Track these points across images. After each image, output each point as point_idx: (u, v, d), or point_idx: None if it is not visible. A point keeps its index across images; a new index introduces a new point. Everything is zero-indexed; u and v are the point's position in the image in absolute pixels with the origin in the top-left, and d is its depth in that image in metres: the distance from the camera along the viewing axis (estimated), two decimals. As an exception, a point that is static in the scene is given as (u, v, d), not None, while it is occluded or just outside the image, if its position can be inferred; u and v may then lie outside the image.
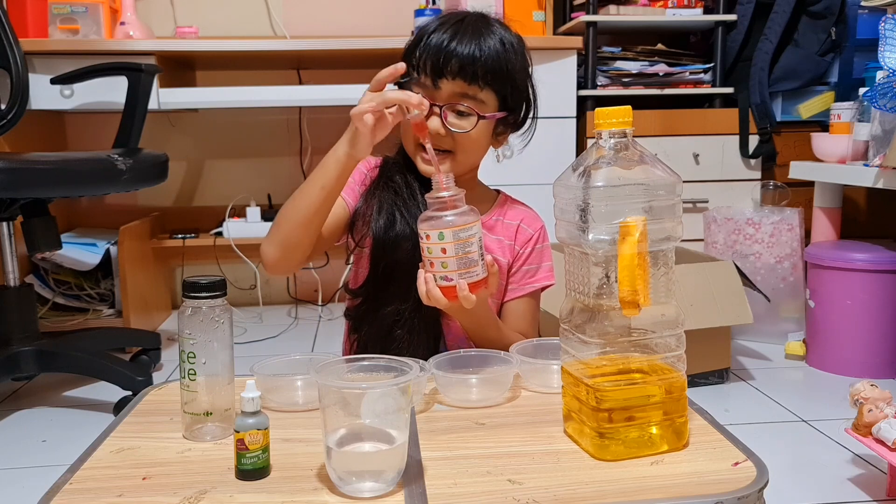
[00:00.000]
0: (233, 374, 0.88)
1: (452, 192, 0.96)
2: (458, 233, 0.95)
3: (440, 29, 1.10)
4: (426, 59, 1.09)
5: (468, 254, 0.96)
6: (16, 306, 1.86)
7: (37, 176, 1.69)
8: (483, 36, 1.10)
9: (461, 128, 1.11)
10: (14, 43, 1.76)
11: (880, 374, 1.98)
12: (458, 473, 0.76)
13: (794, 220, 2.29)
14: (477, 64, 1.09)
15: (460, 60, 1.08)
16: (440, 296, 0.99)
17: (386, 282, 1.17)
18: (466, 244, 0.96)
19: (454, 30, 1.10)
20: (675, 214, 0.80)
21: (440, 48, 1.08)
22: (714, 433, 0.85)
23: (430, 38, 1.10)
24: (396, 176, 1.19)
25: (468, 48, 1.08)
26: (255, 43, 2.44)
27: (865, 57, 2.32)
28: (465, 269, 0.97)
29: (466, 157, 1.15)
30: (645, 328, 0.79)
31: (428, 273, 0.99)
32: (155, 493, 0.73)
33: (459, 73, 1.09)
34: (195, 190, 2.87)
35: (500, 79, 1.12)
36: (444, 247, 0.96)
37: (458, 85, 1.09)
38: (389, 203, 1.16)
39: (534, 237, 1.24)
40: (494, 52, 1.10)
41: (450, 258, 0.96)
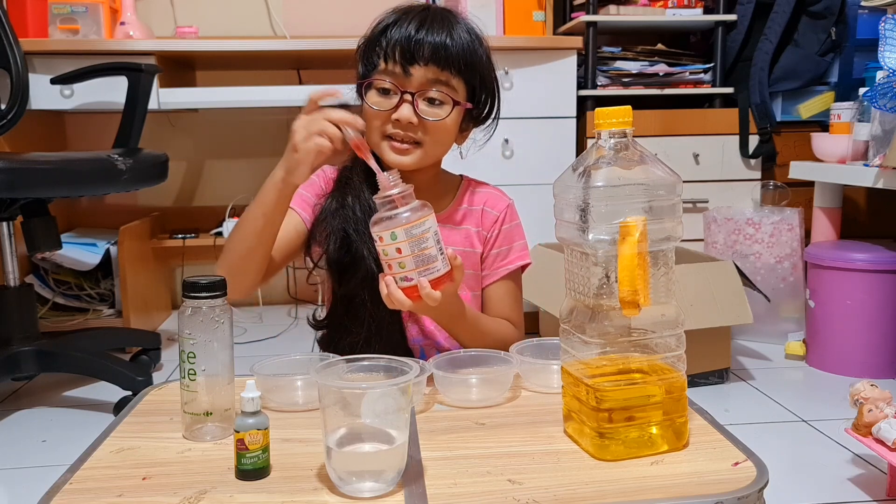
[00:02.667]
0: (233, 374, 0.88)
1: (400, 190, 0.93)
2: (411, 230, 0.92)
3: (405, 19, 1.08)
4: (394, 46, 1.06)
5: (424, 250, 0.93)
6: (16, 306, 1.86)
7: (37, 176, 1.69)
8: (452, 25, 1.09)
9: (435, 116, 1.08)
10: (14, 43, 1.76)
11: (880, 374, 1.98)
12: (458, 473, 0.76)
13: (794, 220, 2.29)
14: (449, 50, 1.07)
15: (432, 46, 1.06)
16: (403, 297, 0.95)
17: (345, 311, 1.15)
18: (421, 241, 0.92)
19: (421, 18, 1.08)
20: (675, 214, 0.79)
21: (410, 35, 1.06)
22: (714, 433, 0.85)
23: (395, 28, 1.07)
24: (349, 196, 1.14)
25: (440, 36, 1.06)
26: (255, 43, 2.44)
27: (865, 57, 2.32)
28: (424, 267, 0.93)
29: (435, 148, 1.12)
30: (645, 328, 0.79)
31: (387, 276, 0.96)
32: (155, 493, 0.73)
33: (432, 58, 1.06)
34: (195, 190, 2.87)
35: (470, 67, 1.10)
36: (398, 246, 0.92)
37: (431, 71, 1.07)
38: (340, 227, 1.13)
39: (499, 218, 1.21)
40: (465, 41, 1.09)
41: (406, 257, 0.93)
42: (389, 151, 1.10)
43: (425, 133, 1.10)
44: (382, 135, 1.10)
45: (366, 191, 1.13)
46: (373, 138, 1.11)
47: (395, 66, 1.07)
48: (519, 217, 1.24)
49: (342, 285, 1.14)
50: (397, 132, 1.09)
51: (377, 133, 1.10)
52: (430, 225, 0.93)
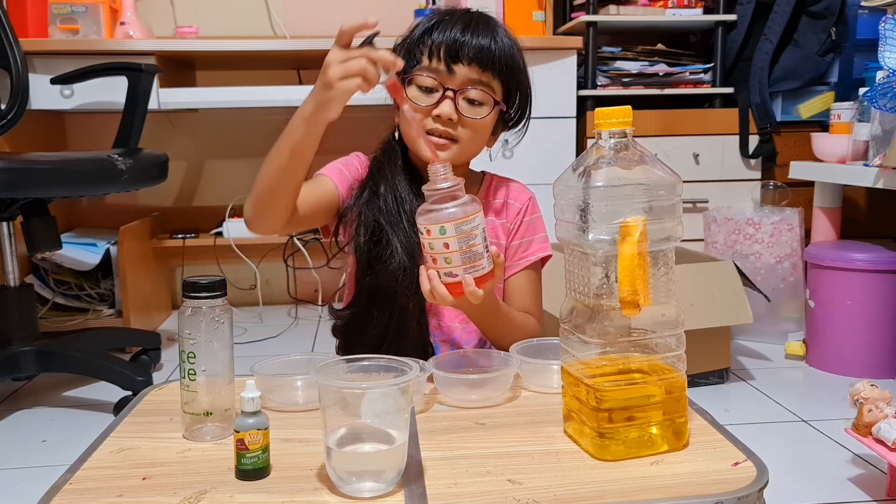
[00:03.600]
0: (233, 374, 0.88)
1: (452, 183, 0.92)
2: (461, 225, 0.90)
3: (450, 21, 1.11)
4: (440, 44, 1.09)
5: (472, 247, 0.91)
6: (16, 306, 1.86)
7: (37, 176, 1.69)
8: (495, 30, 1.12)
9: (475, 114, 1.11)
10: (14, 43, 1.76)
11: (880, 374, 1.98)
12: (458, 473, 0.76)
13: (794, 220, 2.29)
14: (493, 53, 1.10)
15: (477, 47, 1.09)
16: (446, 293, 0.94)
17: (370, 301, 1.15)
18: (470, 237, 0.91)
19: (466, 21, 1.11)
20: (675, 214, 0.79)
21: (456, 36, 1.09)
22: (714, 433, 0.85)
23: (440, 29, 1.10)
24: (381, 186, 1.15)
25: (484, 38, 1.10)
26: (255, 43, 2.44)
27: (865, 57, 2.32)
28: (470, 264, 0.92)
29: (470, 146, 1.15)
30: (645, 328, 0.79)
31: (431, 270, 0.95)
32: (155, 493, 0.73)
33: (475, 59, 1.09)
34: (195, 190, 2.87)
35: (510, 71, 1.14)
36: (446, 241, 0.91)
37: (474, 71, 1.10)
38: (373, 218, 1.13)
39: (522, 210, 1.23)
40: (507, 46, 1.13)
41: (453, 253, 0.91)
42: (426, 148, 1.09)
43: (463, 131, 1.12)
44: (421, 130, 1.09)
45: (400, 181, 1.15)
46: (410, 133, 1.13)
47: (440, 64, 1.10)
48: (540, 210, 1.26)
49: (371, 276, 1.13)
50: (436, 128, 1.11)
51: (415, 127, 1.09)
52: (479, 222, 0.92)
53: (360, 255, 1.14)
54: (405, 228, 1.12)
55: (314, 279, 2.82)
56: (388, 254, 1.11)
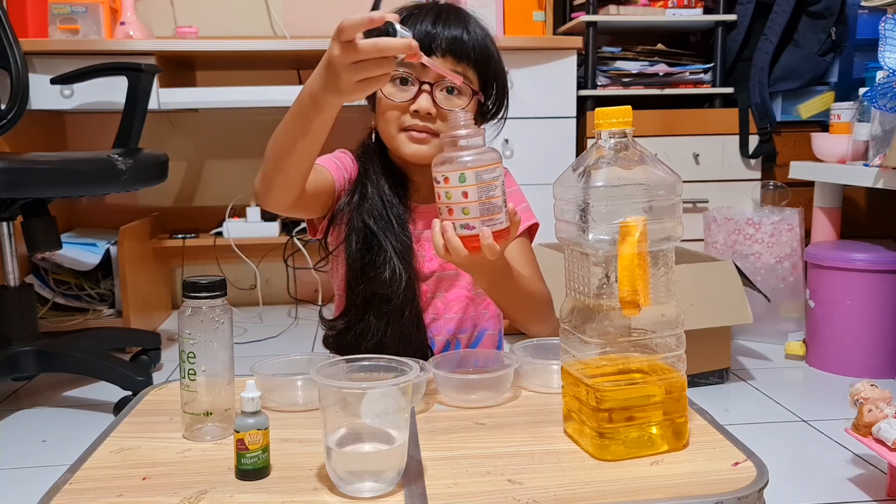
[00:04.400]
0: (233, 374, 0.87)
1: (473, 130, 0.88)
2: (482, 174, 0.85)
3: (419, 15, 1.09)
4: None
5: (492, 198, 0.87)
6: (16, 306, 1.86)
7: (37, 176, 1.69)
8: (466, 20, 1.11)
9: (454, 106, 1.08)
10: (14, 43, 1.76)
11: (880, 374, 1.98)
12: (458, 473, 0.76)
13: (794, 220, 2.29)
14: (466, 43, 1.08)
15: (449, 38, 1.07)
16: (461, 246, 0.89)
17: (365, 310, 1.14)
18: (490, 187, 0.86)
19: (436, 13, 1.09)
20: (675, 214, 0.79)
21: (427, 30, 1.07)
22: (714, 433, 0.85)
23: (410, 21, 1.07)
24: (369, 188, 1.13)
25: (456, 29, 1.08)
26: (255, 43, 2.44)
27: (865, 57, 2.32)
28: (488, 216, 0.87)
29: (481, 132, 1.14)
30: (645, 328, 0.79)
31: (445, 221, 0.90)
32: (155, 493, 0.73)
33: (449, 50, 1.07)
34: (195, 190, 2.87)
35: (485, 61, 1.11)
36: (465, 190, 0.86)
37: (448, 62, 1.08)
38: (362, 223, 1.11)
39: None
40: (479, 35, 1.11)
41: (472, 203, 0.86)
42: (407, 142, 1.10)
43: (442, 124, 1.09)
44: (399, 127, 1.10)
45: (383, 184, 1.13)
46: (389, 130, 1.11)
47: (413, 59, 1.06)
48: (517, 184, 1.24)
49: (364, 283, 1.12)
50: (415, 123, 1.09)
51: (393, 125, 1.10)
52: (499, 173, 0.88)
53: (352, 261, 1.13)
54: (396, 232, 1.11)
55: (314, 279, 2.82)
56: (382, 260, 1.10)
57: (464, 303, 1.21)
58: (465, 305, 1.21)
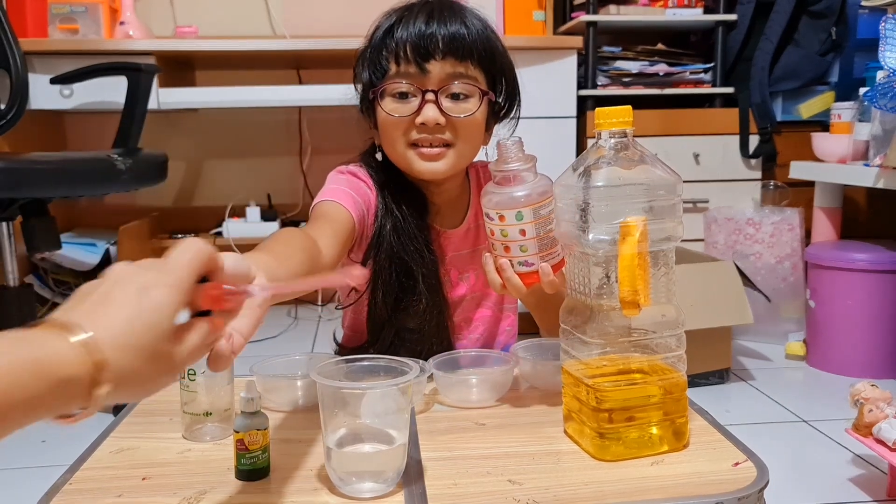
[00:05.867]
0: (232, 375, 0.87)
1: (524, 164, 0.84)
2: (539, 210, 0.83)
3: (410, 15, 0.99)
4: (404, 44, 0.97)
5: (549, 233, 0.84)
6: (15, 306, 1.86)
7: (37, 176, 1.69)
8: (462, 13, 1.00)
9: (464, 111, 0.99)
10: (14, 43, 1.76)
11: (880, 374, 1.98)
12: (458, 474, 0.76)
13: (794, 220, 2.29)
14: (465, 39, 0.98)
15: (447, 37, 0.97)
16: (520, 284, 0.87)
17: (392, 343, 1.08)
18: (547, 222, 0.84)
19: (428, 11, 0.99)
20: (676, 214, 0.79)
21: (420, 30, 0.97)
22: (714, 433, 0.85)
23: (401, 26, 0.98)
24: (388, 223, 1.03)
25: (452, 26, 0.98)
26: (255, 43, 2.44)
27: (865, 57, 2.32)
28: (546, 251, 0.85)
29: (467, 147, 1.03)
30: (645, 328, 0.79)
31: (503, 259, 0.87)
32: (154, 493, 0.73)
33: (448, 50, 0.97)
34: (195, 190, 2.87)
35: (490, 55, 1.02)
36: (523, 228, 0.83)
37: (449, 63, 0.98)
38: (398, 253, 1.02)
39: None
40: (479, 28, 1.01)
41: (530, 240, 0.84)
42: (418, 160, 1.01)
43: (455, 133, 1.01)
44: (407, 144, 1.01)
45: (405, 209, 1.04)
46: (397, 150, 1.02)
47: (409, 66, 0.98)
48: None
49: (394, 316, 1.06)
50: (424, 137, 1.00)
51: (400, 143, 1.01)
52: (553, 205, 0.83)
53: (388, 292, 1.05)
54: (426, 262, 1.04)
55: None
56: (418, 292, 1.04)
57: (488, 322, 1.17)
58: (488, 324, 1.17)
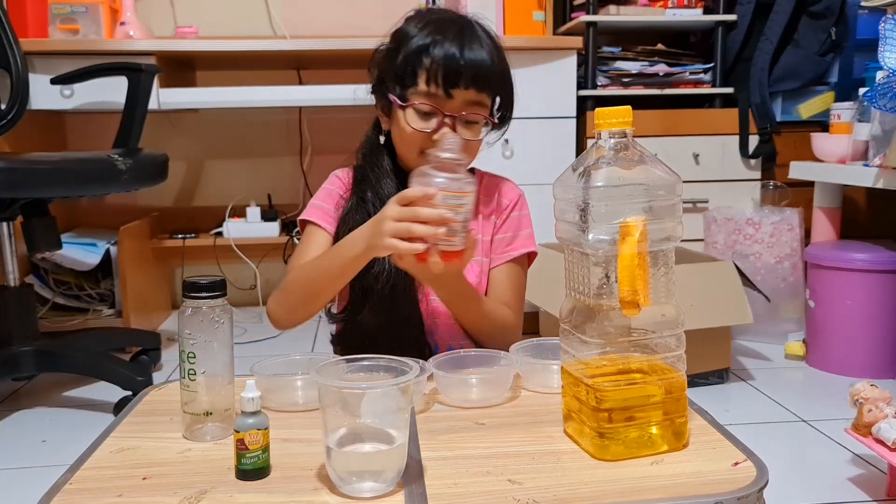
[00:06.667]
0: (233, 374, 0.88)
1: (454, 156, 0.95)
2: (449, 198, 0.93)
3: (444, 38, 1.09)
4: (437, 68, 1.08)
5: (455, 224, 0.94)
6: (16, 306, 1.86)
7: (37, 176, 1.69)
8: (484, 42, 1.11)
9: (473, 135, 1.12)
10: (14, 43, 1.76)
11: (880, 374, 1.98)
12: (458, 473, 0.76)
13: (794, 220, 2.29)
14: (489, 71, 1.10)
15: (475, 69, 1.08)
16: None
17: (361, 305, 1.17)
18: (453, 212, 0.93)
19: (460, 38, 1.09)
20: (675, 214, 0.79)
21: (454, 56, 1.08)
22: (714, 433, 0.85)
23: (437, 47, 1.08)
24: (368, 192, 1.16)
25: (479, 55, 1.09)
26: (255, 43, 2.43)
27: (865, 57, 2.32)
28: (444, 237, 0.94)
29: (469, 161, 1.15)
30: (645, 328, 0.79)
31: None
32: (155, 493, 0.73)
33: (473, 81, 1.08)
34: (195, 190, 2.87)
35: (502, 83, 1.14)
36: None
37: (471, 93, 1.09)
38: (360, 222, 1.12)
39: (510, 205, 1.24)
40: (498, 58, 1.12)
41: None
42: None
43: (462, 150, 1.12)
44: (419, 151, 1.12)
45: (386, 184, 1.16)
46: (409, 152, 1.14)
47: (438, 90, 1.09)
48: (528, 208, 1.26)
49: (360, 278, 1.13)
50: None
51: (414, 149, 1.13)
52: (467, 202, 0.94)
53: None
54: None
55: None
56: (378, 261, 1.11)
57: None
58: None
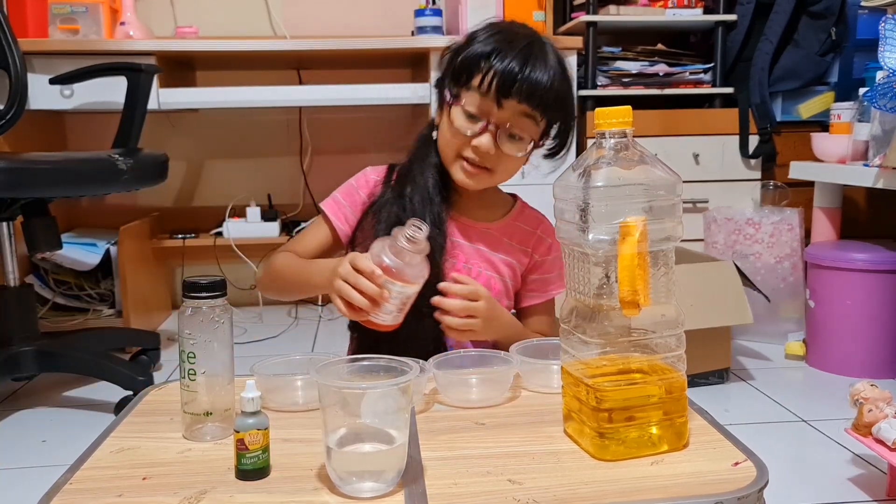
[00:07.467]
0: (233, 374, 0.88)
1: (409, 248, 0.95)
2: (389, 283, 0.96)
3: (510, 51, 1.07)
4: (494, 76, 1.07)
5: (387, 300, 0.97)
6: (16, 306, 1.86)
7: (37, 176, 1.69)
8: (549, 65, 1.09)
9: (514, 151, 1.11)
10: (13, 43, 1.75)
11: (880, 374, 1.98)
12: (458, 473, 0.76)
13: (794, 220, 2.29)
14: (546, 92, 1.08)
15: (532, 85, 1.07)
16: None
17: None
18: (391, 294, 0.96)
19: (526, 54, 1.07)
20: (675, 214, 0.79)
21: (513, 70, 1.06)
22: (714, 433, 0.85)
23: (499, 58, 1.07)
24: (408, 187, 1.16)
25: (541, 74, 1.07)
26: (255, 43, 2.44)
27: (865, 57, 2.32)
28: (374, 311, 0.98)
29: (503, 176, 1.16)
30: (645, 328, 0.79)
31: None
32: (155, 493, 0.73)
33: (527, 97, 1.07)
34: (195, 190, 2.87)
35: (560, 109, 1.14)
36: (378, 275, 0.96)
37: (523, 108, 1.08)
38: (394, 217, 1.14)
39: (550, 246, 1.24)
40: (560, 84, 1.11)
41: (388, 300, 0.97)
42: (459, 172, 1.14)
43: (498, 163, 1.12)
44: (457, 153, 1.12)
45: (428, 179, 1.16)
46: (447, 152, 1.14)
47: (489, 94, 1.08)
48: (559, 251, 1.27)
49: None
50: (472, 157, 1.11)
51: (452, 149, 1.13)
52: (408, 291, 0.97)
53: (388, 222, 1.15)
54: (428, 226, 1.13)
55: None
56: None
57: None
58: None
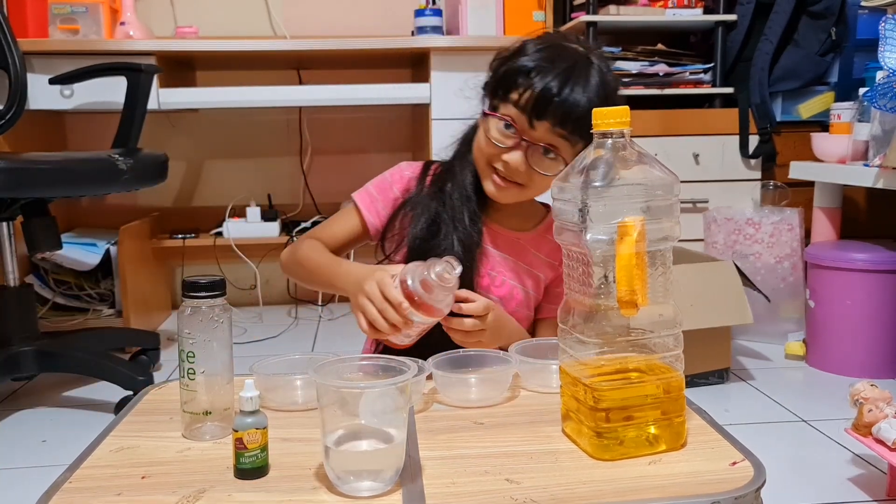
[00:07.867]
0: (232, 374, 0.88)
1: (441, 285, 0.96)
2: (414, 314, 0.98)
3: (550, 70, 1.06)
4: (530, 95, 1.06)
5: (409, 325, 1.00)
6: (16, 306, 1.86)
7: (37, 176, 1.69)
8: (591, 86, 1.06)
9: (545, 170, 1.08)
10: (13, 43, 1.76)
11: (880, 374, 1.98)
12: (457, 473, 0.76)
13: (794, 220, 2.29)
14: (581, 116, 1.04)
15: (567, 108, 1.05)
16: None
17: None
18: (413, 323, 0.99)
19: (566, 75, 1.05)
20: (673, 214, 0.80)
21: (550, 91, 1.04)
22: (712, 433, 0.85)
23: (538, 75, 1.05)
24: (448, 184, 1.16)
25: (579, 96, 1.05)
26: (255, 43, 2.44)
27: (865, 57, 2.32)
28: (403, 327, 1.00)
29: (533, 192, 1.15)
30: (643, 328, 0.79)
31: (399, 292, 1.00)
32: (154, 491, 0.73)
33: (560, 121, 1.05)
34: (195, 190, 2.88)
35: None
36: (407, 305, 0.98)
37: (556, 130, 1.06)
38: (433, 211, 1.13)
39: None
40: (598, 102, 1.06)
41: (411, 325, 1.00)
42: (489, 183, 1.13)
43: (529, 179, 1.11)
44: (489, 164, 1.12)
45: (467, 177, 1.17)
46: (480, 160, 1.14)
47: (523, 114, 1.07)
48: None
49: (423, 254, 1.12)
50: (503, 170, 1.11)
51: (485, 158, 1.13)
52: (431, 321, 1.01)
53: (413, 243, 1.15)
54: (465, 224, 1.14)
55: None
56: (443, 249, 1.12)
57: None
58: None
